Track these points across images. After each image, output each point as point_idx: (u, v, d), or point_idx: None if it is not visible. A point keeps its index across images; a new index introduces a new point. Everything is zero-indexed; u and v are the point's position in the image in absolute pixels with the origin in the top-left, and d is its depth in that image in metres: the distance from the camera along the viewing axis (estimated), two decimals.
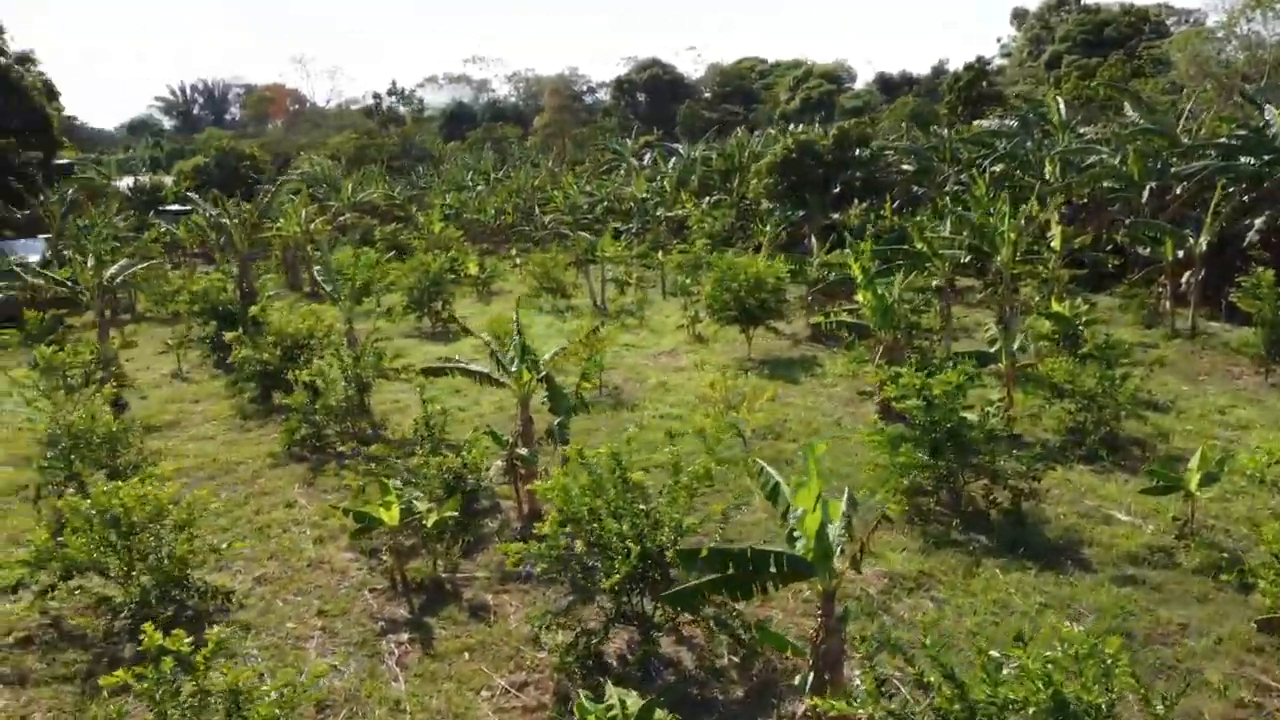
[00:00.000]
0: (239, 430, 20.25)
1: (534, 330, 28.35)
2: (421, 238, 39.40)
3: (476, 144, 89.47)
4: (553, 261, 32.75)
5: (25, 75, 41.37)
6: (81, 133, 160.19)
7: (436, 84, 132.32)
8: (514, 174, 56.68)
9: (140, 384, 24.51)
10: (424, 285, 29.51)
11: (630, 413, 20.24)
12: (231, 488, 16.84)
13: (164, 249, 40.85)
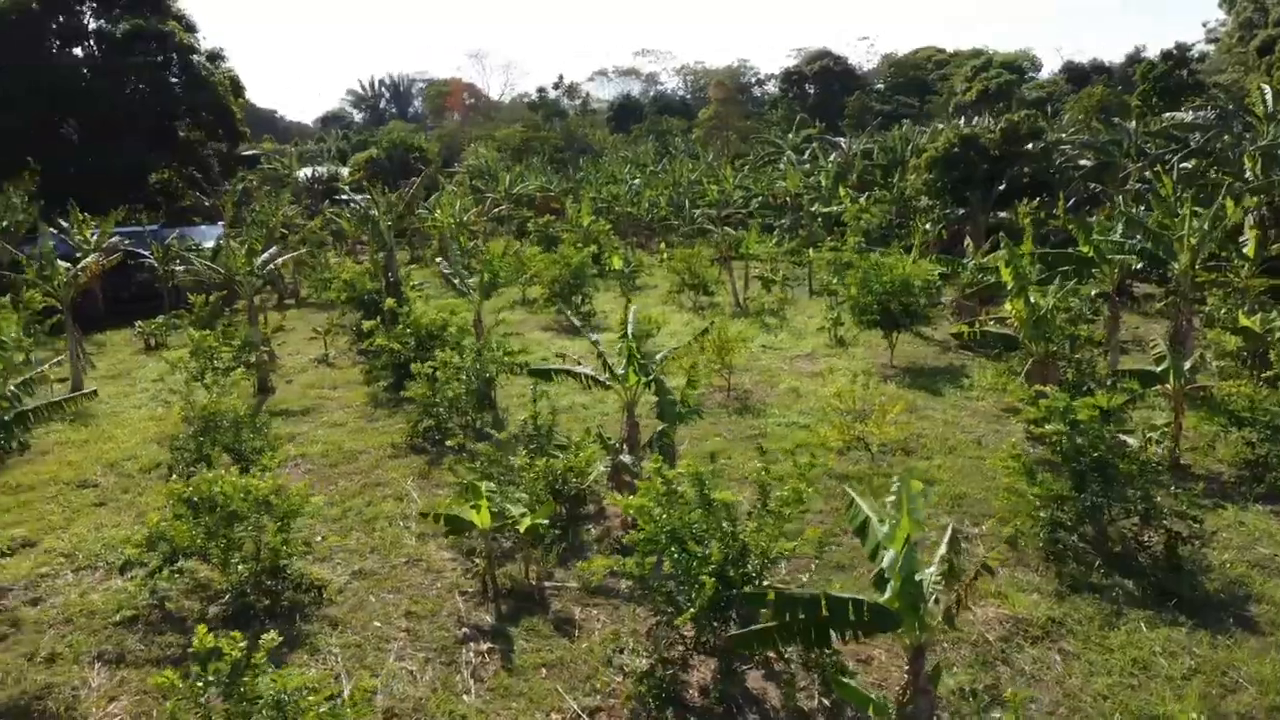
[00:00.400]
0: (369, 419, 20.58)
1: (669, 327, 27.79)
2: (570, 230, 39.55)
3: (640, 137, 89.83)
4: (695, 257, 32.07)
5: (214, 72, 44.10)
6: (280, 125, 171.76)
7: (606, 77, 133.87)
8: (671, 167, 56.25)
9: (287, 368, 25.47)
10: (565, 278, 29.43)
11: (755, 419, 19.34)
12: (349, 477, 17.03)
13: (332, 236, 42.75)
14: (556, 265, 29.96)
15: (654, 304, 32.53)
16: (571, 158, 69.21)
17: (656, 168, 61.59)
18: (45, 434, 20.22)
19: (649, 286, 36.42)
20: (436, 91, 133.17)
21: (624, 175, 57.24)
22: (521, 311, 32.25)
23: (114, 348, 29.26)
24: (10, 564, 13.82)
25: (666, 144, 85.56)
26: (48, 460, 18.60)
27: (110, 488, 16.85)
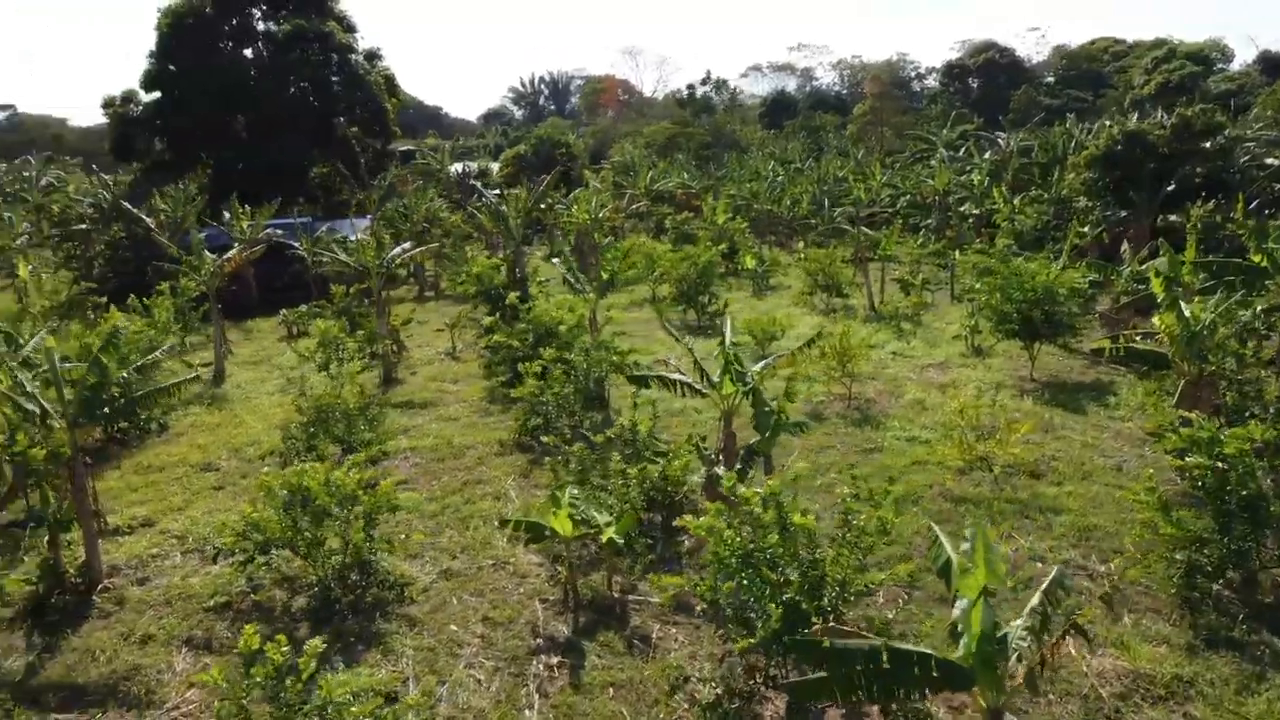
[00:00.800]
0: (482, 414, 20.68)
1: (796, 330, 26.87)
2: (705, 228, 38.99)
3: (791, 133, 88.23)
4: (829, 258, 30.94)
5: (370, 71, 45.81)
6: (444, 121, 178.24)
7: (760, 73, 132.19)
8: (818, 164, 54.85)
9: (415, 360, 26.00)
10: (691, 277, 28.92)
11: (874, 431, 18.31)
12: (453, 473, 17.07)
13: (477, 231, 43.70)
14: (684, 263, 29.48)
15: (785, 305, 31.60)
16: (717, 154, 68.52)
17: (803, 164, 60.19)
18: (184, 417, 21.26)
19: (782, 287, 35.46)
20: (591, 88, 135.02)
21: (768, 172, 56.19)
22: (650, 310, 31.96)
23: (260, 334, 30.69)
24: (128, 542, 14.45)
25: (819, 140, 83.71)
26: (181, 442, 19.49)
27: (230, 472, 17.47)
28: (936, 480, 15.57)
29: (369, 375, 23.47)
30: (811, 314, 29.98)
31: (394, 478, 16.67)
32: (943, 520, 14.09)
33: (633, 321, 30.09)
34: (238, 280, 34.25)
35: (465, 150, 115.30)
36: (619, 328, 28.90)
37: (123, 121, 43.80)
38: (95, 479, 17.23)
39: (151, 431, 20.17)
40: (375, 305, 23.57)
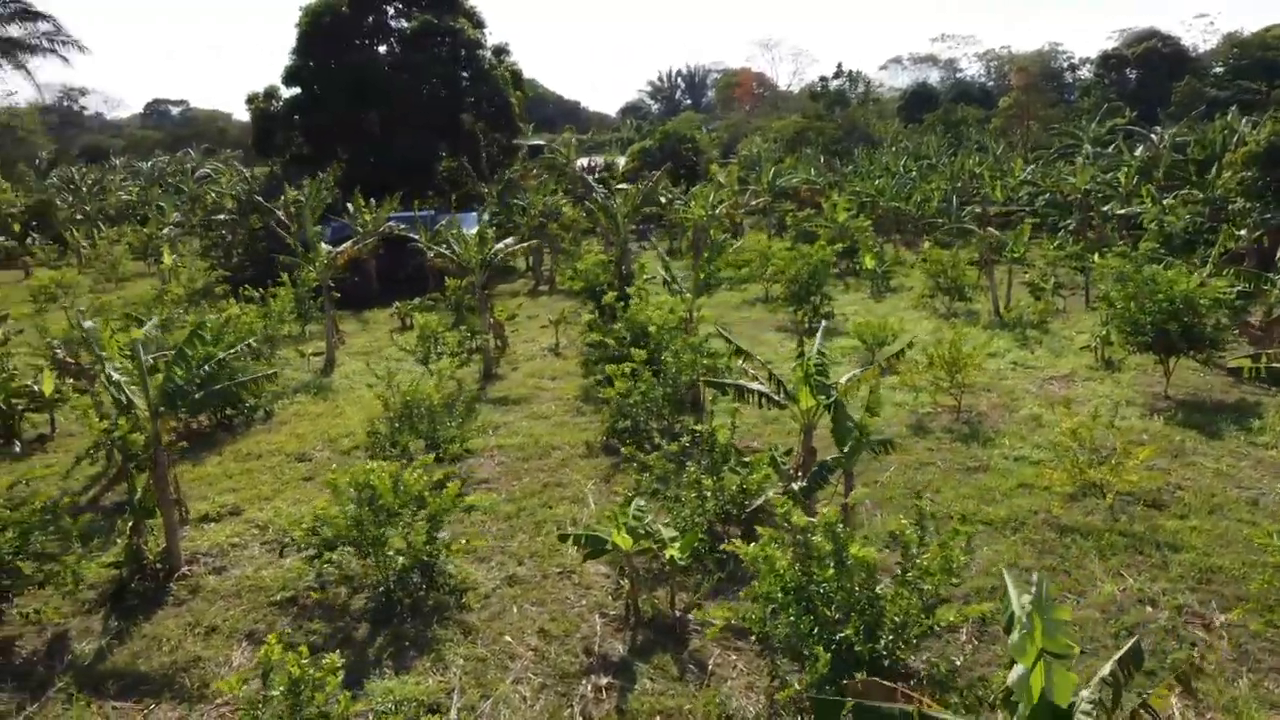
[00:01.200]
0: (575, 413, 20.42)
1: (910, 335, 25.59)
2: (825, 226, 37.77)
3: (930, 127, 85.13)
4: (952, 259, 29.37)
5: (496, 66, 46.36)
6: (582, 115, 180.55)
7: (900, 65, 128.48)
8: (950, 160, 52.55)
9: (518, 355, 26.01)
10: (803, 277, 27.95)
11: (981, 449, 17.11)
12: (535, 474, 16.85)
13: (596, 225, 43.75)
14: (797, 262, 28.52)
15: (903, 308, 30.24)
16: (847, 149, 66.67)
17: (937, 160, 57.83)
18: (289, 405, 21.80)
19: (904, 288, 33.97)
20: (726, 82, 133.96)
21: (898, 168, 54.21)
22: (760, 309, 31.13)
23: (375, 325, 31.39)
24: (213, 530, 14.79)
25: (959, 135, 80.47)
26: (283, 431, 19.96)
27: (321, 463, 17.72)
28: (1043, 506, 14.36)
29: (469, 370, 23.58)
30: (930, 318, 28.55)
31: (476, 476, 16.74)
32: (1046, 552, 12.98)
33: (741, 322, 29.36)
34: (359, 272, 35.24)
35: (597, 144, 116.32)
36: (724, 327, 28.33)
37: (263, 117, 45.74)
38: (197, 465, 17.89)
39: (256, 420, 20.75)
40: (480, 301, 23.60)
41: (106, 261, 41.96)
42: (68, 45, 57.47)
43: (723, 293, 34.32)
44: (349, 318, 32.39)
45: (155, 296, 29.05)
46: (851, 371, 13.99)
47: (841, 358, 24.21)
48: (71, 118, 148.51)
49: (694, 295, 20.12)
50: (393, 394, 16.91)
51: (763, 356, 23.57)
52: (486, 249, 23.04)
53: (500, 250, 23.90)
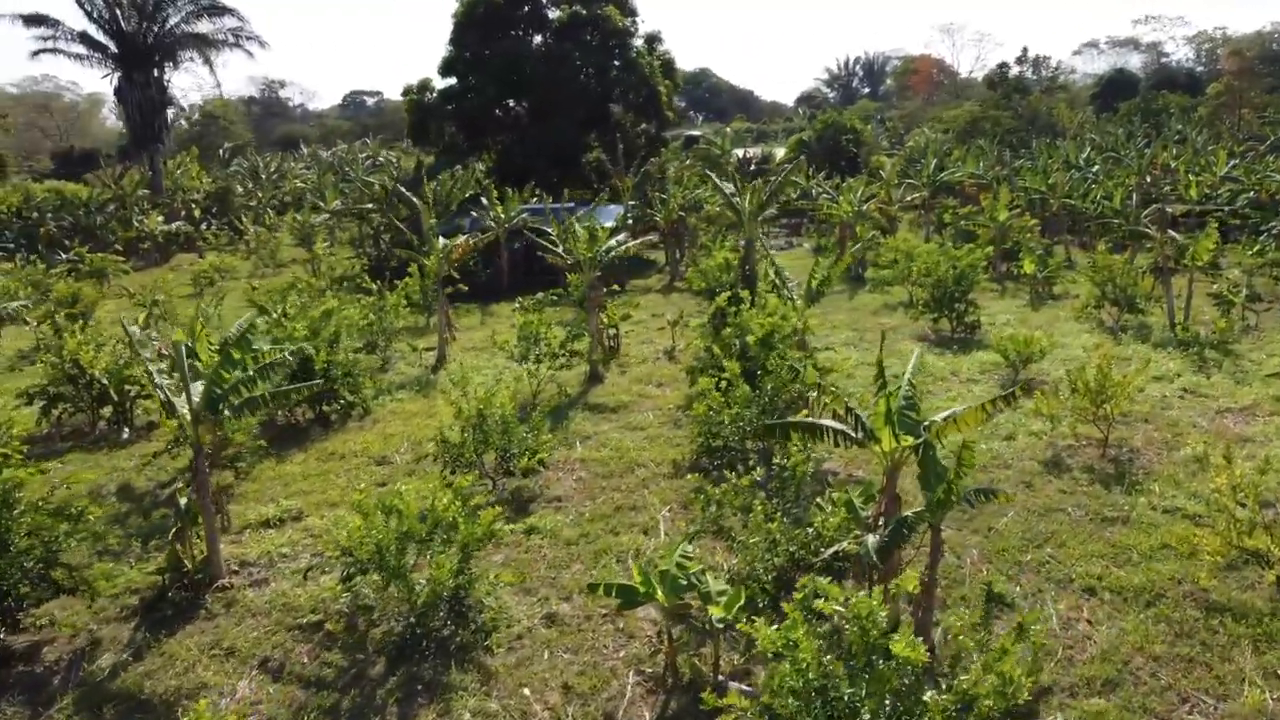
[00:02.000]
0: (673, 425, 19.07)
1: (1065, 352, 22.84)
2: (985, 225, 34.69)
3: (1123, 117, 78.39)
4: (1121, 266, 26.10)
5: (643, 54, 45.30)
6: (755, 104, 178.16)
7: (1096, 49, 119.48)
8: (1139, 154, 47.61)
9: (631, 358, 24.86)
10: (948, 281, 25.47)
11: (1124, 495, 14.64)
12: (613, 492, 15.64)
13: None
14: (941, 264, 26.04)
15: (1064, 319, 27.21)
16: (1025, 141, 61.88)
17: (1124, 152, 52.74)
18: (388, 403, 21.44)
19: (1068, 296, 30.69)
20: (903, 69, 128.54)
21: (1079, 161, 49.66)
22: (901, 315, 28.76)
23: (498, 320, 30.96)
24: (270, 536, 14.35)
25: (1159, 125, 73.68)
26: (375, 430, 19.56)
27: (399, 468, 17.14)
28: (1190, 574, 11.95)
29: (574, 372, 22.61)
30: (1093, 331, 25.46)
31: (549, 493, 15.68)
32: (1184, 635, 10.70)
33: (877, 329, 27.13)
34: (492, 264, 35.02)
35: (766, 134, 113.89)
36: (858, 333, 26.25)
37: (418, 108, 46.53)
38: (280, 463, 17.64)
39: (354, 417, 20.48)
40: (589, 301, 22.59)
41: (267, 248, 43.66)
42: (251, 40, 60.85)
43: (863, 295, 32.08)
44: (476, 311, 32.16)
45: (289, 285, 29.55)
46: (953, 408, 11.89)
47: (980, 374, 21.82)
48: (275, 108, 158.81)
49: (805, 302, 18.29)
50: (467, 400, 16.00)
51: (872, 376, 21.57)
52: (597, 245, 21.95)
53: (614, 248, 22.76)
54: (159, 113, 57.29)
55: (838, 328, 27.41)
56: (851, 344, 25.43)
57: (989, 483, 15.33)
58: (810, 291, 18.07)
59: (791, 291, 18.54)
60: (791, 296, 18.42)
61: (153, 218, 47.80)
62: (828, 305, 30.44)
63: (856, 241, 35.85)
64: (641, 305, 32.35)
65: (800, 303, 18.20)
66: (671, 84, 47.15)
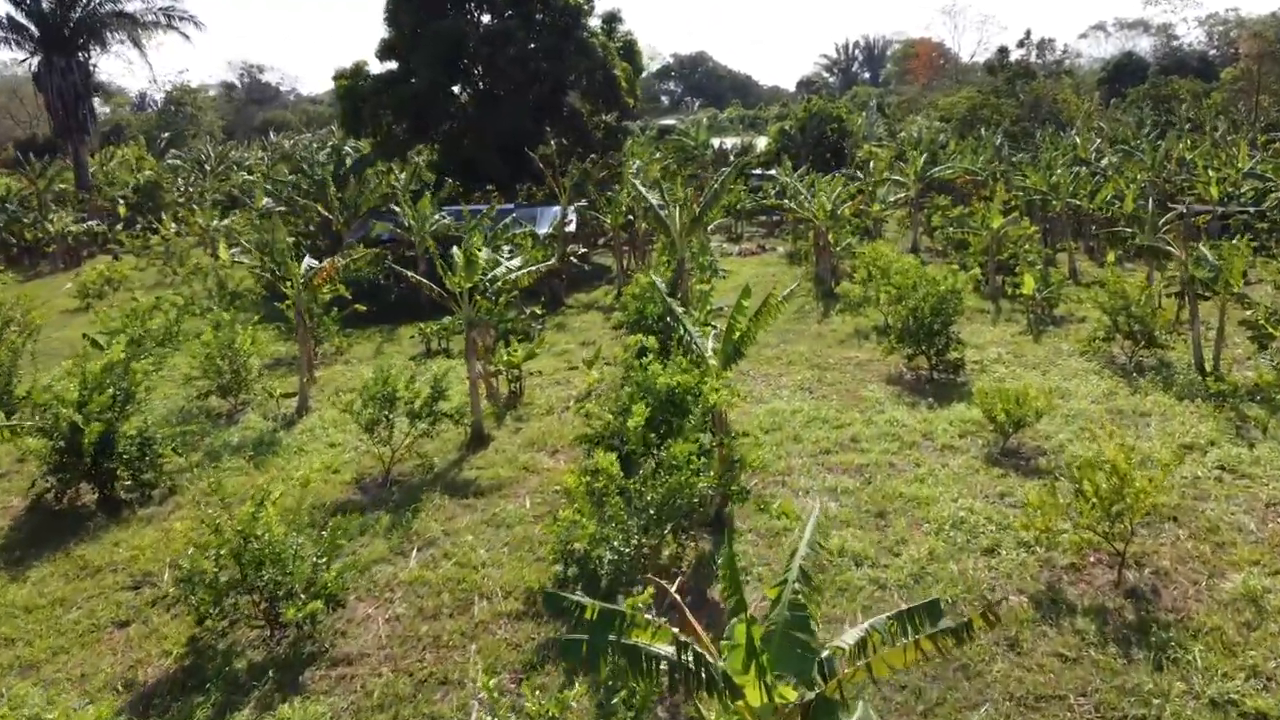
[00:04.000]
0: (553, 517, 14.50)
1: (1067, 406, 18.27)
2: (976, 231, 29.97)
3: (1132, 104, 73.34)
4: (1136, 289, 21.45)
5: (597, 34, 40.44)
6: (753, 89, 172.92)
7: (1104, 32, 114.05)
8: (1150, 146, 42.71)
9: (538, 406, 20.29)
10: (924, 310, 20.86)
11: (1150, 671, 10.07)
12: (431, 649, 11.14)
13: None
14: (919, 288, 21.41)
15: (1067, 354, 22.61)
16: (1028, 131, 56.90)
17: (1135, 144, 47.89)
18: (216, 470, 16.85)
19: (1073, 319, 26.04)
20: (902, 53, 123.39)
21: (1089, 154, 44.73)
22: (874, 345, 24.10)
23: (398, 349, 26.32)
24: None
25: (1170, 113, 68.70)
26: (169, 520, 15.02)
27: (154, 597, 12.63)
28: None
29: (456, 431, 18.06)
30: (1103, 373, 20.84)
31: (337, 650, 11.16)
32: None
33: (842, 364, 22.55)
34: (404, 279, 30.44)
35: (757, 120, 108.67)
36: (819, 368, 21.59)
37: (349, 95, 41.75)
38: (15, 579, 13.15)
39: (154, 499, 15.95)
40: (469, 344, 18.02)
41: (175, 254, 39.05)
42: (185, 21, 56.13)
43: (835, 316, 27.41)
44: (377, 336, 27.56)
45: (151, 306, 25.04)
46: (870, 624, 7.19)
47: (959, 437, 17.27)
48: (261, 94, 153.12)
49: (720, 364, 13.60)
50: (227, 518, 11.40)
51: (824, 439, 17.03)
52: (478, 274, 17.34)
53: (502, 276, 18.17)
54: (82, 100, 52.61)
55: (794, 363, 22.82)
56: (807, 388, 20.85)
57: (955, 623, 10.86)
58: (728, 352, 13.45)
59: (704, 345, 13.89)
60: (703, 353, 13.78)
61: (60, 217, 43.18)
62: (789, 331, 25.86)
63: (835, 245, 31.24)
64: (575, 330, 27.81)
65: (714, 363, 13.58)
66: (633, 68, 42.34)
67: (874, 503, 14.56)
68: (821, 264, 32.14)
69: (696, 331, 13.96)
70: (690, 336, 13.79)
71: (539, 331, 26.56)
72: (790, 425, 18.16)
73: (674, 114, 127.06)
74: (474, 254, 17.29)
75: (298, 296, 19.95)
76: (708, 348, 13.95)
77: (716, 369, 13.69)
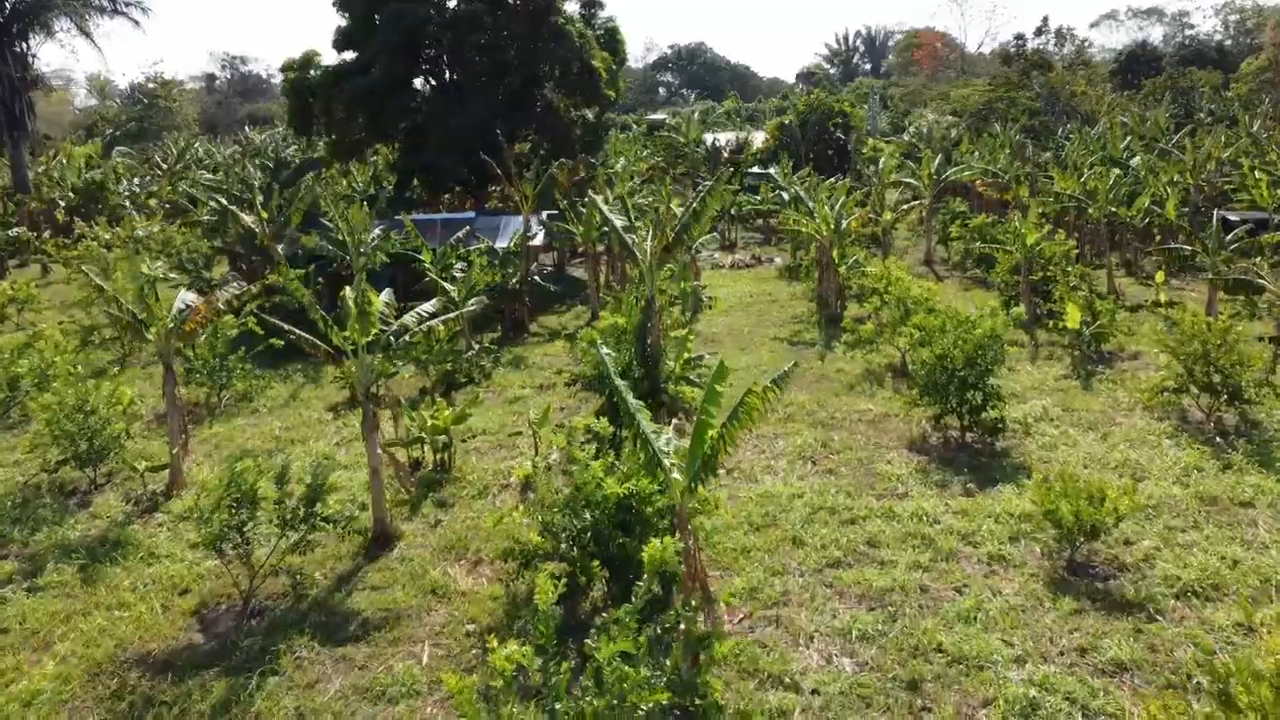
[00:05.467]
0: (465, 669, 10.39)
1: (1147, 491, 14.11)
2: (1007, 249, 25.72)
3: (1151, 96, 68.97)
4: (1214, 329, 17.25)
5: (572, 20, 36.11)
6: (752, 81, 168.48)
7: (1115, 20, 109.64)
8: (1194, 144, 38.42)
9: (468, 483, 16.10)
10: (954, 360, 16.66)
11: None
12: None
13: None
14: (945, 333, 17.21)
15: (1127, 408, 18.44)
16: (1047, 127, 52.55)
17: (1167, 140, 43.64)
18: (29, 595, 12.73)
19: (1124, 357, 21.87)
20: (906, 43, 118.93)
21: (1120, 153, 40.35)
22: (887, 395, 19.87)
23: (319, 393, 22.04)
24: None
25: (1190, 105, 64.44)
26: None
27: None
28: None
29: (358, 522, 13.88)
30: (1178, 439, 16.66)
31: None
32: None
33: (851, 421, 18.35)
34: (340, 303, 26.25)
35: (755, 114, 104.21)
36: (821, 424, 17.17)
37: (297, 89, 37.49)
38: None
39: None
40: (365, 415, 13.87)
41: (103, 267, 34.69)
42: (132, 6, 51.83)
43: (839, 351, 23.15)
44: (299, 375, 23.36)
45: (23, 345, 20.91)
46: None
47: (1008, 540, 13.12)
48: (244, 85, 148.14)
49: (687, 478, 9.35)
50: None
51: (833, 542, 12.97)
52: (371, 327, 13.13)
53: (407, 329, 13.96)
54: (19, 94, 48.31)
55: (794, 417, 18.64)
56: (809, 456, 16.67)
57: None
58: (694, 470, 9.25)
59: (666, 453, 9.68)
60: (663, 455, 9.58)
61: None
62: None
63: (841, 263, 27.02)
64: (535, 366, 23.60)
65: (679, 477, 9.41)
66: (615, 59, 38.04)
67: (901, 660, 10.45)
68: (825, 284, 27.93)
69: (659, 440, 9.73)
70: (648, 440, 9.58)
71: (489, 370, 22.45)
72: (788, 518, 14.02)
73: (669, 107, 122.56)
74: (366, 300, 13.08)
75: (163, 346, 15.71)
76: (671, 454, 9.75)
77: (680, 484, 9.50)
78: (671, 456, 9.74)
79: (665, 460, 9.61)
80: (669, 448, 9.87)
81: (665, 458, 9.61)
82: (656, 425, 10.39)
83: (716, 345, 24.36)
